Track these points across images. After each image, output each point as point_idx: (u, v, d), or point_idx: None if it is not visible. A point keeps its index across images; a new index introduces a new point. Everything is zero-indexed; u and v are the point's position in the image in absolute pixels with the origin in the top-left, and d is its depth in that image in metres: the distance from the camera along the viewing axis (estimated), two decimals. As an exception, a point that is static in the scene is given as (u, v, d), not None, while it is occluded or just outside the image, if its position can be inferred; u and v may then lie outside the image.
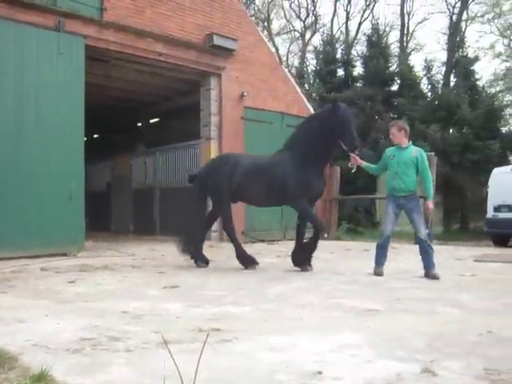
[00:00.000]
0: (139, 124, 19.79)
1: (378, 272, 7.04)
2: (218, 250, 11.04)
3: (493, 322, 4.22)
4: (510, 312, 4.70)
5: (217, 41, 12.72)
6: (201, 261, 8.32)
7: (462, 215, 18.06)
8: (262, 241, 13.30)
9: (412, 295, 5.59)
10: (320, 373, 2.90)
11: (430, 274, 6.78)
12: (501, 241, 13.78)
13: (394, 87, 22.38)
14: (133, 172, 16.62)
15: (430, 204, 7.11)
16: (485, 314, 4.56)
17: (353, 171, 7.63)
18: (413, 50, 35.50)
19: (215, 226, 12.86)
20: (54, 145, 9.76)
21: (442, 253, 10.02)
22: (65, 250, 9.57)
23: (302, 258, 7.65)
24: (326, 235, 13.51)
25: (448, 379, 2.85)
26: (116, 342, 3.60)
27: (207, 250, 11.00)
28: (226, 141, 13.18)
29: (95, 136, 20.98)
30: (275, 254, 10.21)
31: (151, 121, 19.32)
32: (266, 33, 32.55)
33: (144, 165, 16.12)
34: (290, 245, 12.45)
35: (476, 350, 3.43)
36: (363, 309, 4.76)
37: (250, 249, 11.40)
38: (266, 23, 35.45)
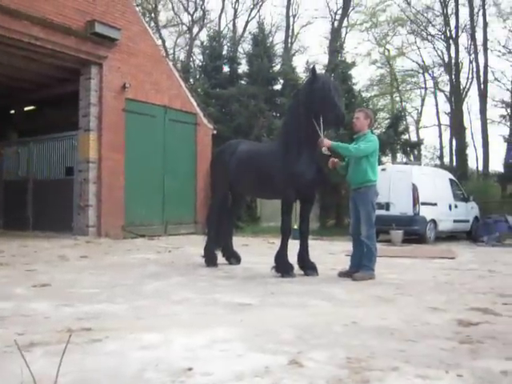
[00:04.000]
0: (12, 111, 18.49)
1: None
2: (95, 246, 10.68)
3: (358, 313, 4.50)
4: (373, 303, 5.04)
5: (99, 29, 12.26)
6: (233, 258, 7.96)
7: (337, 212, 18.98)
8: (143, 236, 13.08)
9: (286, 289, 5.79)
10: (190, 369, 2.91)
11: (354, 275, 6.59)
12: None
13: (277, 86, 22.99)
14: (4, 162, 15.54)
15: (325, 140, 6.47)
16: (351, 306, 4.85)
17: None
18: (297, 51, 36.74)
19: (92, 220, 12.47)
20: None
21: (317, 248, 10.49)
22: None
23: (306, 262, 6.97)
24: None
25: (312, 369, 2.99)
26: (-26, 345, 3.35)
27: (83, 246, 10.65)
28: (106, 132, 12.79)
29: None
30: (155, 250, 10.09)
31: (26, 108, 18.14)
32: (152, 24, 31.89)
33: (17, 155, 15.13)
34: (171, 240, 12.48)
35: (340, 340, 3.62)
36: (238, 303, 4.85)
37: (129, 244, 11.21)
38: (153, 14, 34.72)
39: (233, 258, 8.03)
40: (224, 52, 24.51)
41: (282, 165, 6.74)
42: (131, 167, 13.31)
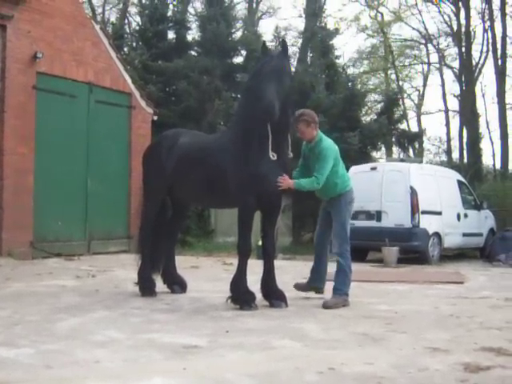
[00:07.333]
0: None
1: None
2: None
3: (336, 356, 4.54)
4: (356, 343, 5.08)
5: (0, -21, 12.10)
6: (177, 285, 7.98)
7: (315, 223, 19.11)
8: (58, 255, 12.91)
9: (245, 325, 5.80)
10: None
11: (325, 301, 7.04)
12: (358, 254, 14.80)
13: (238, 59, 23.10)
14: None
15: (285, 181, 6.72)
16: (328, 347, 4.88)
17: None
18: (264, 13, 37.00)
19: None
20: None
21: (288, 270, 10.56)
22: None
23: (272, 290, 7.05)
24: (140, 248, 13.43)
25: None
26: None
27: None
28: (10, 117, 12.57)
29: None
30: (73, 274, 9.96)
31: None
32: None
33: None
34: (96, 261, 12.34)
35: (312, 392, 3.65)
36: (181, 345, 4.84)
37: (40, 266, 11.03)
38: (74, -39, 34.37)
39: (176, 284, 7.99)
40: (169, 13, 24.43)
41: (239, 163, 6.76)
42: (44, 164, 13.09)
